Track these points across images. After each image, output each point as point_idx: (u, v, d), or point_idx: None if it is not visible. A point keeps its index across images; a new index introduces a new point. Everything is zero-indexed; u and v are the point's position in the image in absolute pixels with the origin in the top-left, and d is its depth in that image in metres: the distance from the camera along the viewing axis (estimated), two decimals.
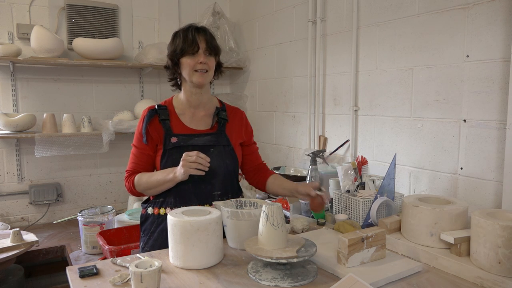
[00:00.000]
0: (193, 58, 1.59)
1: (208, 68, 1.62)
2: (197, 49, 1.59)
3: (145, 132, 1.63)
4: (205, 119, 1.69)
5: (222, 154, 1.64)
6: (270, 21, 3.01)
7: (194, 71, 1.59)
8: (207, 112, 1.71)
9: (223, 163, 1.64)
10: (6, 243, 2.15)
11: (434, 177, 1.87)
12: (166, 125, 1.63)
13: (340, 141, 2.40)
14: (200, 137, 1.64)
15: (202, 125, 1.68)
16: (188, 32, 1.60)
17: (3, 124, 2.62)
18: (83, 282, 1.23)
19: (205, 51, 1.60)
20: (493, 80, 1.62)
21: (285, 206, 1.98)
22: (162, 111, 1.65)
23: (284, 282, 1.20)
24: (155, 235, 1.63)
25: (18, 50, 2.63)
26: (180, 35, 1.61)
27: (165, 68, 1.71)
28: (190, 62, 1.59)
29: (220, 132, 1.68)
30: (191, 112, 1.69)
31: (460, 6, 1.72)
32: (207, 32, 1.64)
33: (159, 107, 1.67)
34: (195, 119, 1.68)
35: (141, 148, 1.65)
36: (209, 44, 1.62)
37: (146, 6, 3.25)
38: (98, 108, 3.08)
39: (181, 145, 1.60)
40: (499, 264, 1.20)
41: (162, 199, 1.63)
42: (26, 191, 2.92)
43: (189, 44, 1.58)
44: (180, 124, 1.66)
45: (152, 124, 1.63)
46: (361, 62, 2.25)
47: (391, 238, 1.49)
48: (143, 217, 1.68)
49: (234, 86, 3.58)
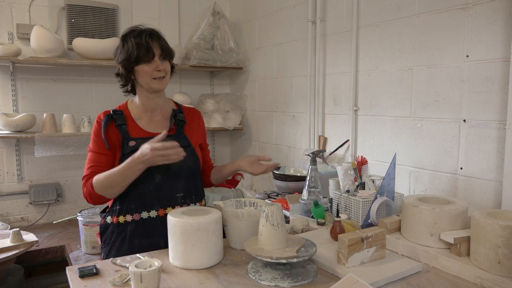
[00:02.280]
0: (149, 66, 1.55)
1: (165, 74, 1.59)
2: (153, 56, 1.55)
3: (105, 137, 1.57)
4: (162, 122, 1.66)
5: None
6: (270, 21, 3.02)
7: (152, 78, 1.56)
8: (164, 115, 1.68)
9: (185, 163, 1.57)
10: (6, 243, 2.15)
11: (434, 177, 1.87)
12: (123, 129, 1.59)
13: (340, 141, 2.40)
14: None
15: (159, 128, 1.63)
16: (141, 38, 1.54)
17: (3, 124, 2.62)
18: (83, 282, 1.23)
19: (160, 57, 1.57)
20: (493, 80, 1.62)
21: (285, 206, 1.98)
22: (118, 116, 1.61)
23: (284, 282, 1.20)
24: (117, 244, 1.58)
25: (18, 50, 2.63)
26: (132, 40, 1.55)
27: (116, 75, 1.64)
28: (147, 70, 1.55)
29: (179, 133, 1.66)
30: (147, 116, 1.65)
31: (460, 6, 1.72)
32: (160, 36, 1.60)
33: (114, 112, 1.62)
34: (153, 123, 1.65)
35: (99, 151, 1.58)
36: (164, 49, 1.58)
37: (146, 6, 3.25)
38: (98, 108, 3.08)
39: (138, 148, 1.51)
40: (499, 264, 1.20)
41: (120, 207, 1.58)
42: (26, 191, 2.92)
43: (144, 52, 1.53)
44: (137, 128, 1.62)
45: (109, 129, 1.59)
46: (361, 62, 2.25)
47: (391, 238, 1.49)
48: (103, 227, 1.63)
49: (234, 86, 3.58)
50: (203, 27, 3.21)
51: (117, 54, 1.61)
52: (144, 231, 1.58)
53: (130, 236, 1.58)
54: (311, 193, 1.85)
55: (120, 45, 1.59)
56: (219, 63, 3.17)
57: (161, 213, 1.58)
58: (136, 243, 1.57)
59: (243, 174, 3.42)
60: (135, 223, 1.57)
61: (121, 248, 1.57)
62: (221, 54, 3.19)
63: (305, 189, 1.87)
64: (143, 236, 1.58)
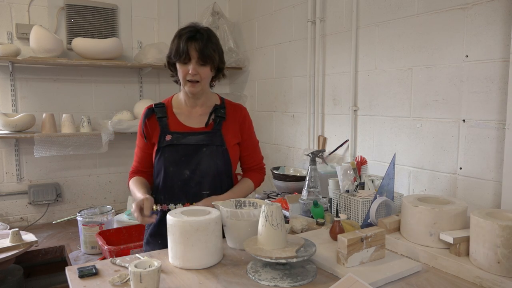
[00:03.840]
0: (184, 67, 1.57)
1: (200, 79, 1.58)
2: (188, 59, 1.55)
3: (144, 131, 1.66)
4: (201, 118, 1.69)
5: (214, 154, 1.64)
6: (270, 21, 3.02)
7: (186, 80, 1.59)
8: (205, 111, 1.70)
9: (214, 163, 1.63)
10: (5, 243, 2.15)
11: (433, 177, 1.87)
12: (162, 122, 1.65)
13: (340, 141, 2.40)
14: (194, 135, 1.64)
15: (198, 123, 1.67)
16: (180, 40, 1.55)
17: (2, 124, 2.62)
18: (82, 282, 1.23)
19: (197, 62, 1.55)
20: (492, 80, 1.62)
21: (285, 206, 1.98)
22: (159, 109, 1.67)
23: (283, 282, 1.20)
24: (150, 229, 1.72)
25: (17, 50, 2.63)
26: (176, 39, 1.58)
27: (165, 66, 1.71)
28: (181, 71, 1.58)
29: (215, 131, 1.66)
30: (188, 110, 1.70)
31: (459, 6, 1.72)
32: (203, 38, 1.55)
33: (156, 105, 1.69)
34: (192, 117, 1.69)
35: (142, 147, 1.70)
36: (202, 53, 1.54)
37: (146, 6, 3.25)
38: (97, 108, 3.08)
39: (174, 143, 1.62)
40: (498, 264, 1.20)
41: (154, 196, 1.65)
42: (26, 191, 2.91)
43: (180, 54, 1.55)
44: (177, 122, 1.67)
45: (149, 122, 1.66)
46: (360, 62, 2.25)
47: (390, 238, 1.49)
48: None
49: (234, 86, 3.58)
50: None
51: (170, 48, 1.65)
52: None
53: (158, 223, 1.66)
54: (311, 193, 1.85)
55: (172, 39, 1.62)
56: None
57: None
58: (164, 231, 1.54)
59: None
60: (163, 213, 1.61)
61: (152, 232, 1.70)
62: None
63: (305, 189, 1.87)
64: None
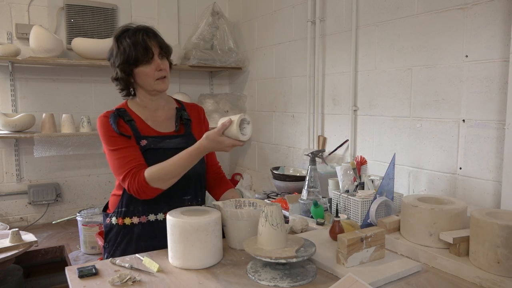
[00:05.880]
0: (149, 67, 1.47)
1: (167, 73, 1.53)
2: (152, 55, 1.47)
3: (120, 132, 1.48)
4: (166, 122, 1.61)
5: None
6: (269, 21, 3.02)
7: (155, 80, 1.50)
8: (167, 115, 1.62)
9: (195, 167, 1.49)
10: (5, 243, 2.15)
11: (433, 177, 1.87)
12: (133, 126, 1.52)
13: (339, 141, 2.40)
14: (169, 139, 1.56)
15: (165, 128, 1.59)
16: (137, 37, 1.45)
17: (2, 124, 2.62)
18: (82, 282, 1.23)
19: (159, 55, 1.49)
20: (492, 80, 1.62)
21: (285, 206, 1.98)
22: (123, 113, 1.53)
23: (283, 282, 1.20)
24: (123, 245, 1.55)
25: (17, 50, 2.62)
26: (127, 41, 1.46)
27: (114, 80, 1.55)
28: (148, 71, 1.48)
29: (188, 134, 1.61)
30: (151, 115, 1.59)
31: (459, 6, 1.72)
32: (156, 33, 1.51)
33: (118, 109, 1.55)
34: (158, 122, 1.59)
35: (126, 145, 1.48)
36: (162, 47, 1.49)
37: (145, 6, 3.25)
38: (97, 108, 3.08)
39: (151, 147, 1.51)
40: (498, 264, 1.20)
41: (126, 209, 1.53)
42: (25, 191, 2.91)
43: (143, 52, 1.45)
44: (146, 126, 1.56)
45: (119, 125, 1.50)
46: (360, 62, 2.25)
47: (390, 238, 1.49)
48: (108, 227, 1.59)
49: (233, 86, 3.58)
50: (202, 27, 3.21)
51: (112, 57, 1.52)
52: (151, 233, 1.56)
53: (137, 238, 1.55)
54: (311, 193, 1.85)
55: (115, 47, 1.50)
56: (219, 63, 3.17)
57: None
58: (143, 245, 1.55)
59: (242, 174, 3.42)
60: (142, 226, 1.55)
61: (127, 249, 1.54)
62: (221, 54, 3.19)
63: (305, 189, 1.87)
64: (150, 238, 1.56)
